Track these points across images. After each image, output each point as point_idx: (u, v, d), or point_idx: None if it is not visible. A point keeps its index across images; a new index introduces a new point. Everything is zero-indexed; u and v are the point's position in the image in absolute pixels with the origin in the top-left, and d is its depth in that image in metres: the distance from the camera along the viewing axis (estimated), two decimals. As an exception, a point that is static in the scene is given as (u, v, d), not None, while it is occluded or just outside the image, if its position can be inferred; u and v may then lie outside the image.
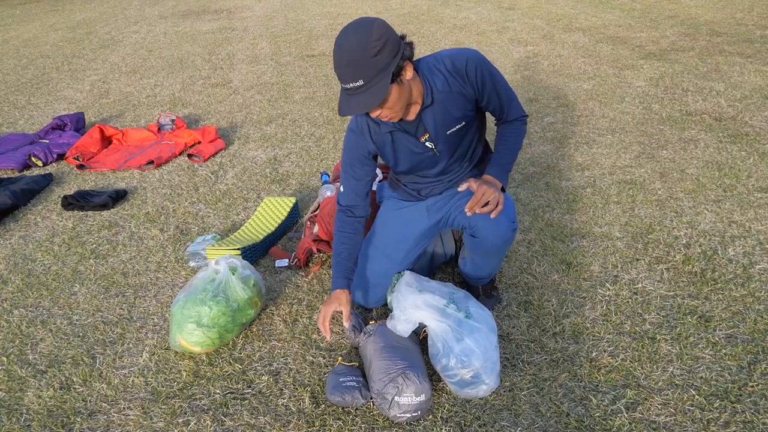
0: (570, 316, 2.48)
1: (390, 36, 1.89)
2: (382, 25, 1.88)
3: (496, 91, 2.22)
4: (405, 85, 2.00)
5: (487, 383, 2.04)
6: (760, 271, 2.67)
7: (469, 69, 2.14)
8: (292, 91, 5.99)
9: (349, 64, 1.86)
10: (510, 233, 2.22)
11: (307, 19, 9.95)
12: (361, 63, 1.85)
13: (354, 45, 1.85)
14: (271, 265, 3.01)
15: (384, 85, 1.89)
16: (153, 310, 2.73)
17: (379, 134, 2.24)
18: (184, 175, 4.15)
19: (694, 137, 4.14)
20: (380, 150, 2.29)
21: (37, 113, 5.81)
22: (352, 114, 1.95)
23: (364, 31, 1.85)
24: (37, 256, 3.24)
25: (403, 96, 2.01)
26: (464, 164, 2.40)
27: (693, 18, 7.98)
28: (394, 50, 1.90)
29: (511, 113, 2.31)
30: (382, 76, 1.88)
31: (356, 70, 1.86)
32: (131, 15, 11.79)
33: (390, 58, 1.89)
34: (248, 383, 2.25)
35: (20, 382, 2.34)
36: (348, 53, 1.86)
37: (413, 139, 2.23)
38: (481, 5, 10.11)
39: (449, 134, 2.24)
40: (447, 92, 2.15)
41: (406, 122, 2.19)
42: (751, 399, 2.01)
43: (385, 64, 1.88)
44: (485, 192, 2.08)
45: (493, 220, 2.13)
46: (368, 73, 1.86)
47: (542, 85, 5.58)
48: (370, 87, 1.89)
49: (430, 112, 2.16)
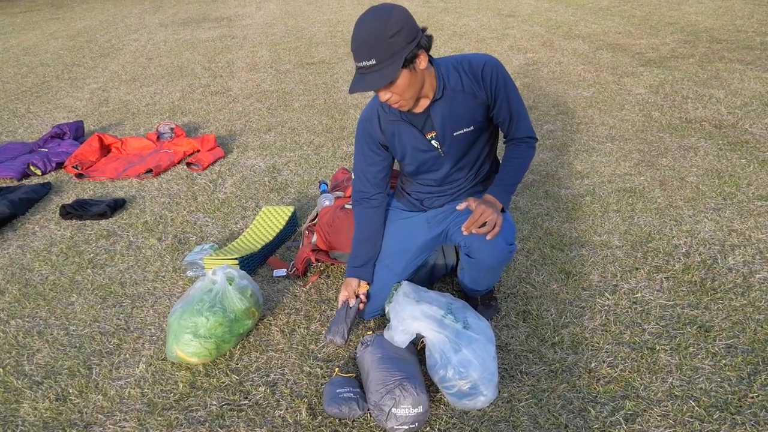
0: (569, 326, 2.47)
1: (408, 22, 1.94)
2: (403, 11, 1.94)
3: (507, 102, 2.23)
4: (417, 74, 2.03)
5: (485, 394, 2.03)
6: (760, 281, 2.66)
7: (485, 72, 2.17)
8: (291, 99, 5.99)
9: (364, 42, 1.92)
10: (506, 255, 2.21)
11: (306, 27, 9.96)
12: (376, 42, 1.90)
13: (372, 25, 1.91)
14: (269, 275, 3.00)
15: (395, 68, 1.93)
16: (150, 320, 2.72)
17: (388, 122, 2.27)
18: (183, 183, 4.15)
19: (693, 145, 4.13)
20: (388, 140, 2.31)
21: (36, 122, 5.81)
22: (360, 91, 1.97)
23: (385, 13, 1.91)
24: (34, 266, 3.23)
25: (415, 84, 2.04)
26: (470, 176, 2.40)
27: (693, 25, 7.99)
28: (410, 36, 1.94)
29: (519, 130, 2.31)
30: (395, 58, 1.93)
31: (370, 49, 1.91)
32: (131, 23, 11.81)
33: (405, 42, 1.93)
34: (245, 394, 2.24)
35: (16, 394, 2.32)
36: (365, 32, 1.92)
37: (419, 135, 2.25)
38: (481, 12, 10.13)
39: (456, 136, 2.24)
40: (459, 91, 2.18)
41: (414, 115, 2.21)
42: (751, 410, 2.00)
43: (399, 47, 1.92)
44: (483, 212, 2.07)
45: (489, 241, 2.13)
46: (382, 54, 1.91)
47: (542, 92, 5.58)
48: (381, 68, 1.93)
49: (439, 107, 2.18)
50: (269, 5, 13.01)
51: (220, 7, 13.19)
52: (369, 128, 2.32)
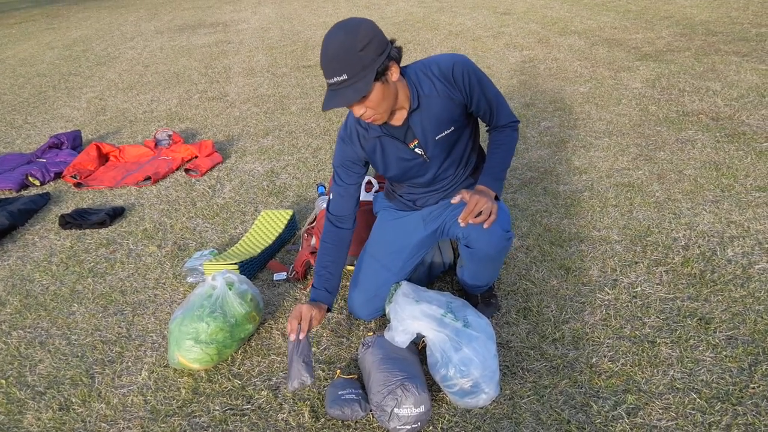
0: (569, 321, 2.47)
1: (377, 35, 1.91)
2: (370, 25, 1.91)
3: (484, 96, 2.21)
4: (390, 86, 2.00)
5: (487, 392, 2.03)
6: (759, 271, 2.66)
7: (456, 73, 2.14)
8: (288, 102, 6.00)
9: (334, 57, 1.88)
10: (504, 242, 2.21)
11: (302, 30, 9.97)
12: (346, 57, 1.87)
13: (341, 40, 1.87)
14: (270, 279, 3.00)
15: (367, 81, 1.89)
16: (151, 327, 2.73)
17: (368, 139, 2.24)
18: (182, 190, 4.15)
19: (691, 138, 4.13)
20: (370, 156, 2.29)
21: (34, 132, 5.82)
22: (334, 107, 1.94)
23: (352, 28, 1.88)
24: (35, 277, 3.24)
25: (388, 97, 2.01)
26: (458, 172, 2.39)
27: (688, 18, 7.99)
28: (380, 48, 1.91)
29: (501, 118, 2.30)
30: (366, 72, 1.89)
31: (341, 64, 1.87)
32: (127, 31, 11.83)
33: (375, 55, 1.90)
34: (248, 399, 2.24)
35: (19, 405, 2.33)
36: (334, 47, 1.88)
37: (402, 145, 2.23)
38: (477, 11, 10.13)
39: (438, 139, 2.23)
40: (434, 96, 2.15)
41: (394, 127, 2.19)
42: (753, 401, 2.00)
43: (370, 60, 1.89)
44: (478, 202, 2.06)
45: (486, 230, 2.12)
46: (352, 68, 1.88)
47: (539, 89, 5.58)
48: (353, 82, 1.90)
49: (418, 116, 2.16)
50: (264, 9, 13.02)
51: (215, 13, 13.20)
52: (349, 147, 2.28)
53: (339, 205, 2.35)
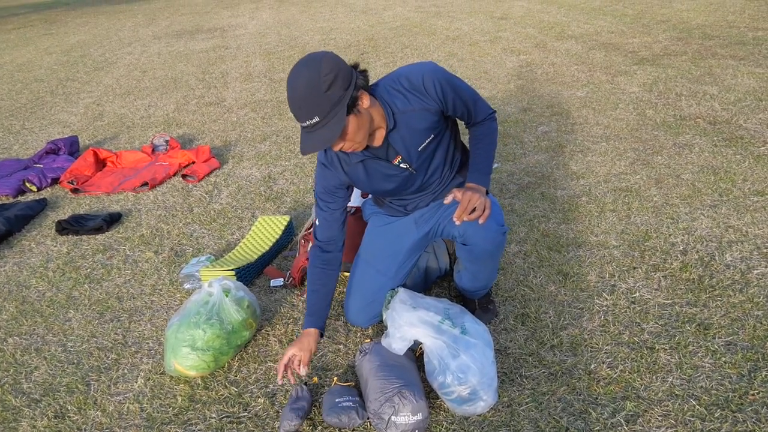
0: (568, 327, 2.46)
1: (340, 68, 1.88)
2: (331, 59, 1.88)
3: (460, 98, 2.18)
4: (363, 114, 1.97)
5: (485, 399, 2.02)
6: (758, 276, 2.65)
7: (427, 84, 2.11)
8: (285, 107, 5.99)
9: (302, 102, 1.85)
10: (500, 237, 2.20)
11: (300, 35, 9.97)
12: (314, 99, 1.84)
13: (305, 82, 1.84)
14: (267, 285, 2.99)
15: (340, 119, 1.87)
16: (148, 334, 2.71)
17: (351, 165, 2.22)
18: (179, 195, 4.14)
19: (688, 142, 4.13)
20: (353, 180, 2.26)
21: (31, 138, 5.81)
22: (314, 151, 1.92)
23: (313, 67, 1.85)
24: (31, 283, 3.22)
25: (364, 125, 1.99)
26: (445, 173, 2.37)
27: (685, 22, 8.00)
28: (346, 82, 1.88)
29: (478, 114, 2.28)
30: (337, 109, 1.87)
31: (310, 107, 1.85)
32: (125, 36, 11.83)
33: (342, 90, 1.87)
34: (244, 406, 2.23)
35: (14, 412, 2.31)
36: (300, 91, 1.85)
37: (386, 163, 2.21)
38: (474, 16, 10.14)
39: (421, 150, 2.21)
40: (410, 111, 2.13)
41: (375, 148, 2.17)
42: (753, 408, 1.99)
43: (338, 98, 1.87)
44: (471, 198, 2.05)
45: (482, 225, 2.11)
46: (323, 109, 1.85)
47: (536, 93, 5.58)
48: (326, 122, 1.88)
49: (397, 134, 2.14)
50: (262, 15, 13.03)
51: (213, 18, 13.21)
52: (331, 172, 2.26)
53: (326, 230, 2.34)
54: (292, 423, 2.04)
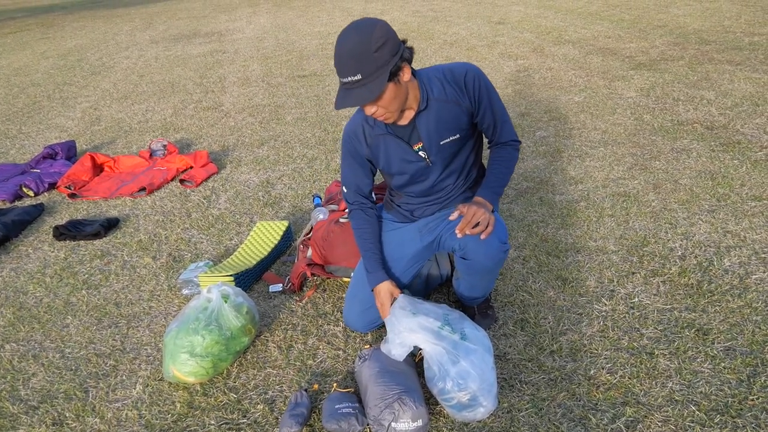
0: (567, 333, 2.46)
1: (391, 36, 1.94)
2: (385, 25, 1.94)
3: (491, 107, 2.24)
4: (402, 86, 2.03)
5: (485, 405, 2.01)
6: (756, 281, 2.65)
7: (467, 79, 2.18)
8: (283, 112, 5.99)
9: (349, 57, 1.91)
10: (501, 254, 2.20)
11: (297, 40, 9.98)
12: (361, 57, 1.89)
13: (357, 39, 1.90)
14: (265, 291, 2.98)
15: (381, 81, 1.93)
16: (146, 340, 2.70)
17: (373, 137, 2.26)
18: (177, 200, 4.14)
19: (686, 147, 4.14)
20: (373, 153, 2.30)
21: (28, 142, 5.79)
22: (347, 107, 1.97)
23: (367, 28, 1.91)
24: (28, 289, 3.21)
25: (399, 96, 2.04)
26: (458, 183, 2.39)
27: (682, 27, 8.02)
28: (394, 49, 1.95)
29: (503, 134, 2.33)
30: (380, 72, 1.92)
31: (356, 64, 1.90)
32: (122, 41, 11.82)
33: (390, 56, 1.93)
34: (243, 413, 2.22)
35: (12, 420, 2.30)
36: (349, 46, 1.91)
37: (406, 146, 2.24)
38: (471, 21, 10.16)
39: (442, 145, 2.24)
40: (443, 101, 2.18)
41: (400, 127, 2.21)
42: (752, 413, 1.99)
43: (384, 61, 1.92)
44: (475, 213, 2.07)
45: (483, 241, 2.12)
46: (367, 68, 1.91)
47: (533, 98, 5.59)
48: (367, 82, 1.93)
49: (425, 117, 2.18)
50: (259, 19, 13.04)
51: (210, 23, 13.21)
52: (355, 143, 2.32)
53: (352, 195, 2.42)
54: (291, 429, 2.03)
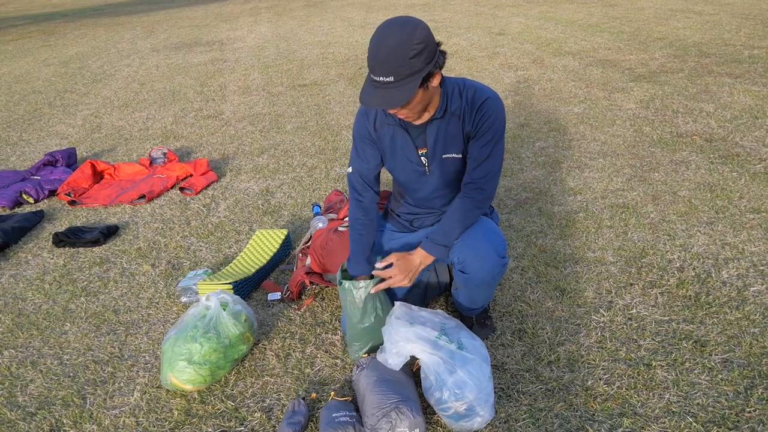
0: (565, 343, 2.46)
1: (430, 42, 1.90)
2: (426, 29, 1.89)
3: (486, 146, 2.16)
4: (430, 92, 2.02)
5: (482, 415, 2.01)
6: (754, 294, 2.66)
7: (484, 106, 2.13)
8: (283, 121, 6.01)
9: (386, 58, 1.86)
10: (499, 268, 2.21)
11: (298, 49, 10.01)
12: (397, 61, 1.85)
13: (395, 41, 1.85)
14: (264, 299, 2.98)
15: (412, 88, 1.89)
16: (144, 347, 2.71)
17: (384, 125, 2.25)
18: (176, 208, 4.14)
19: (685, 159, 4.15)
20: (379, 139, 2.28)
21: (29, 149, 5.80)
22: (373, 107, 1.95)
23: (408, 31, 1.86)
24: (27, 295, 3.21)
25: (425, 100, 2.03)
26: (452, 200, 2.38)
27: (681, 40, 8.05)
28: (430, 56, 1.91)
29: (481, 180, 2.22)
30: (413, 78, 1.89)
31: (390, 66, 1.86)
32: (123, 49, 11.85)
33: (425, 63, 1.90)
34: (241, 421, 2.22)
35: (10, 426, 2.30)
36: (386, 48, 1.86)
37: (411, 146, 2.23)
38: (472, 31, 10.20)
39: (444, 158, 2.23)
40: (457, 115, 2.15)
41: (413, 126, 2.19)
42: (749, 425, 1.99)
43: (419, 68, 1.89)
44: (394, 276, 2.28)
45: (482, 255, 2.13)
46: (401, 72, 1.87)
47: (533, 109, 5.61)
48: (398, 86, 1.89)
49: (436, 126, 2.17)
50: (261, 28, 13.08)
51: (211, 31, 13.24)
52: (364, 122, 2.29)
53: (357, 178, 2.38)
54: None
